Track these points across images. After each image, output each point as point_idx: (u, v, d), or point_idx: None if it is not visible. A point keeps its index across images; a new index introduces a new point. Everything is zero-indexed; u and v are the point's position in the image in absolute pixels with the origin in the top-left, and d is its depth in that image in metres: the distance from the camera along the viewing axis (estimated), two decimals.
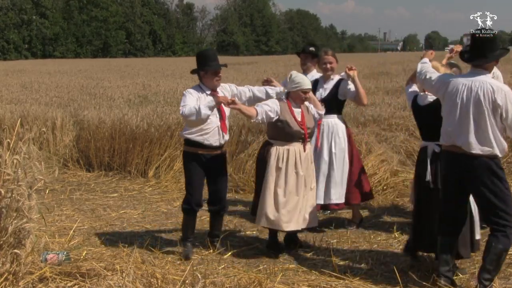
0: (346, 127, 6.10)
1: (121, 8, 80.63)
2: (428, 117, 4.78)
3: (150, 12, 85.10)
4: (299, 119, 5.18)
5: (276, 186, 5.13)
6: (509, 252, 5.15)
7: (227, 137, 5.39)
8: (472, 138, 4.17)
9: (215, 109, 5.08)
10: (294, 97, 5.22)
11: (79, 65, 39.51)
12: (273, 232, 5.38)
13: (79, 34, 76.08)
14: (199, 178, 5.27)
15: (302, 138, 5.19)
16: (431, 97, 4.76)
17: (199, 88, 5.23)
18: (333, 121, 6.01)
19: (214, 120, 5.15)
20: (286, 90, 5.30)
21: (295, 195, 5.16)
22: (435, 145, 4.70)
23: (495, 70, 6.17)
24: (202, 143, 5.16)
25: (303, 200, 5.20)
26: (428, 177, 4.71)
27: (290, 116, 5.15)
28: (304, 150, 5.22)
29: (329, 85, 6.05)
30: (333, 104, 5.97)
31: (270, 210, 5.12)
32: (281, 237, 5.54)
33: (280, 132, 5.15)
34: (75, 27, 75.89)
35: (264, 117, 5.07)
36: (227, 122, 5.35)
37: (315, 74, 6.32)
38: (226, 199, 5.57)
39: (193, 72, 5.40)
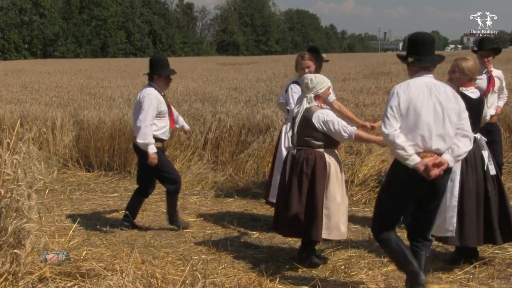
0: None
1: (121, 8, 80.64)
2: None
3: (150, 12, 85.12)
4: None
5: (342, 195, 4.98)
6: (508, 252, 5.18)
7: None
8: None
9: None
10: (324, 97, 5.07)
11: (79, 65, 39.51)
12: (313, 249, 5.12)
13: (78, 34, 76.11)
14: None
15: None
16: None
17: None
18: None
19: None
20: (312, 95, 4.99)
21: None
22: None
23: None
24: (165, 139, 6.11)
25: None
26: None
27: None
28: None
29: None
30: None
31: (343, 221, 4.97)
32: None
33: (334, 139, 4.96)
34: (75, 27, 75.91)
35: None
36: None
37: None
38: None
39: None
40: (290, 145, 5.13)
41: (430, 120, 3.88)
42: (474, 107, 4.69)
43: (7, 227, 3.81)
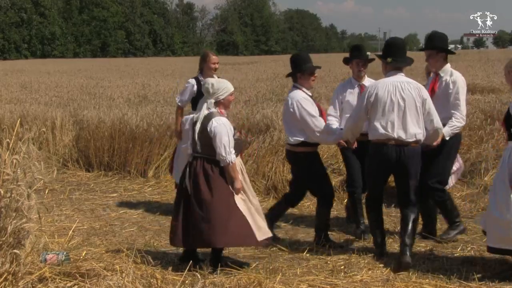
0: None
1: (121, 8, 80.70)
2: None
3: (150, 11, 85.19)
4: None
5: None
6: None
7: None
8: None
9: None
10: (226, 104, 4.92)
11: (78, 64, 39.55)
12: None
13: (78, 34, 76.18)
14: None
15: None
16: None
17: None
18: None
19: None
20: (213, 101, 4.84)
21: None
22: None
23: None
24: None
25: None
26: None
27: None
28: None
29: None
30: None
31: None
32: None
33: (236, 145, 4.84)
34: (74, 27, 76.00)
35: None
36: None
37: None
38: None
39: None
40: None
41: (393, 114, 4.81)
42: None
43: (7, 227, 3.81)
